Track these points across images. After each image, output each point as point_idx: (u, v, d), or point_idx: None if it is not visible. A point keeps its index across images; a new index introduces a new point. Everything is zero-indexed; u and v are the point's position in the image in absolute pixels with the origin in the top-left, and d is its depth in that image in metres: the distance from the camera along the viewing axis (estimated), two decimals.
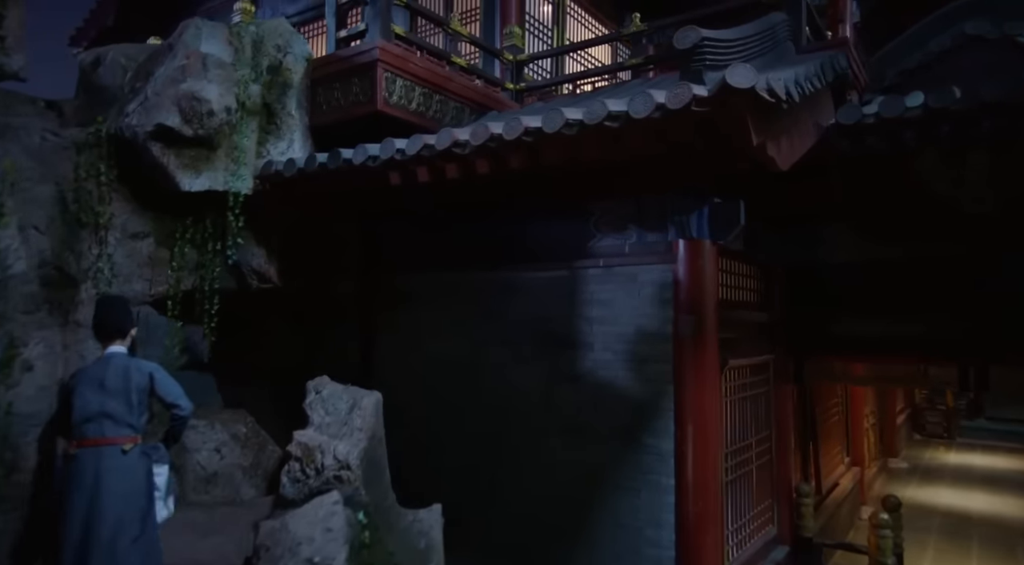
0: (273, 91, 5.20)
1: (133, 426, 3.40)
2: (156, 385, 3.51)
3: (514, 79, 7.02)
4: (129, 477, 3.32)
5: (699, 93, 3.08)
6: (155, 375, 3.53)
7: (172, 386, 3.58)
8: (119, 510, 3.23)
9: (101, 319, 3.59)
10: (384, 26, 5.48)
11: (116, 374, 3.41)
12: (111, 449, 3.30)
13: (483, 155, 3.92)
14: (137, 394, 3.42)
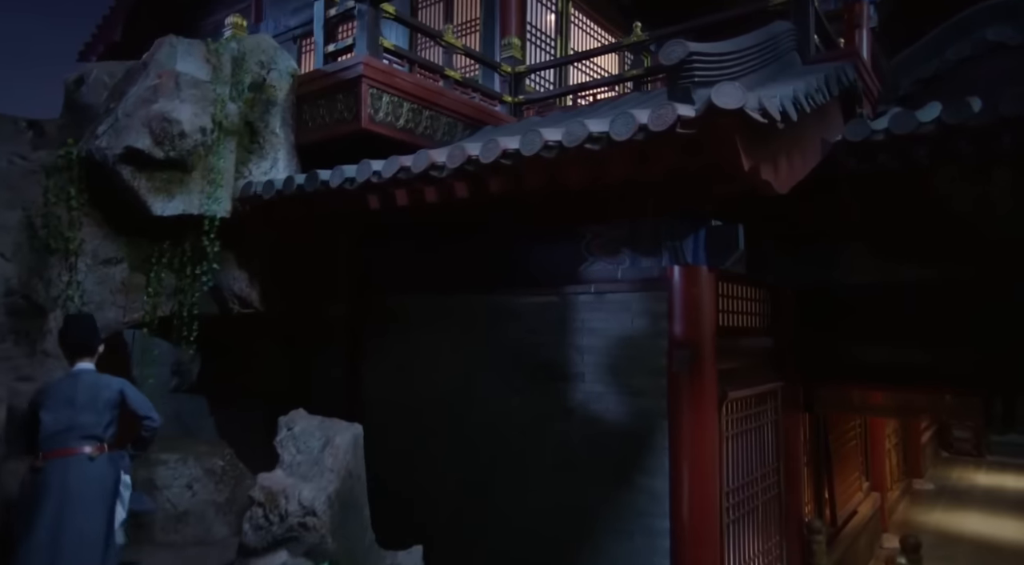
0: (256, 109, 5.03)
1: (100, 438, 3.45)
2: (128, 400, 3.58)
3: (512, 91, 6.80)
4: (96, 484, 3.38)
5: (684, 114, 2.82)
6: (125, 390, 3.59)
7: (142, 400, 3.66)
8: (86, 515, 3.29)
9: (69, 336, 3.61)
10: (371, 40, 5.30)
11: (86, 390, 3.46)
12: (78, 457, 3.35)
13: (461, 178, 3.69)
14: (107, 409, 3.49)
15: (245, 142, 4.98)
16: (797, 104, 3.19)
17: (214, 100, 4.47)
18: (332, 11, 5.59)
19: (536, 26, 8.00)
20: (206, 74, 4.58)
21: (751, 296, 4.94)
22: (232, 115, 4.65)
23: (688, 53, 3.07)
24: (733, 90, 2.68)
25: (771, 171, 3.16)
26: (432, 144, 5.52)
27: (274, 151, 5.10)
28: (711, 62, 3.27)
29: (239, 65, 4.92)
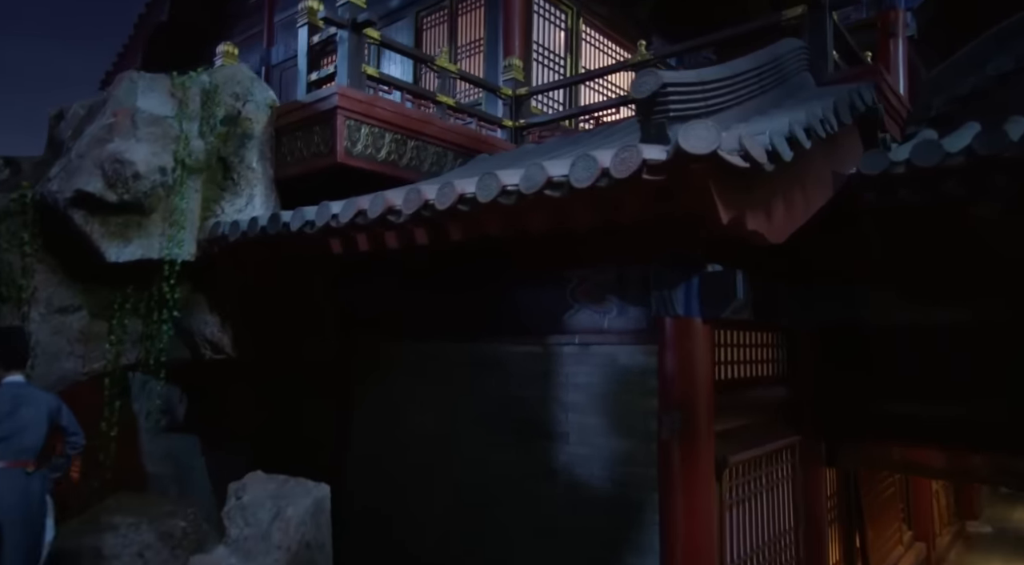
0: (230, 143, 4.79)
1: (34, 451, 3.54)
2: (62, 416, 3.66)
3: (512, 115, 6.45)
4: (30, 498, 3.47)
5: (650, 157, 2.41)
6: (62, 407, 3.68)
7: (73, 418, 3.73)
8: (24, 530, 3.41)
9: (2, 349, 3.66)
10: (353, 68, 5.02)
11: (20, 402, 3.54)
12: (14, 471, 3.43)
13: (420, 224, 3.34)
14: (42, 422, 3.56)
15: (218, 178, 4.73)
16: (793, 140, 2.73)
17: (176, 137, 4.23)
18: (315, 38, 5.34)
19: (543, 45, 7.65)
20: (170, 110, 4.34)
21: (760, 341, 4.45)
22: (197, 152, 4.40)
23: (661, 85, 2.65)
24: (705, 130, 2.26)
25: (761, 219, 2.71)
26: (418, 176, 5.21)
27: (249, 187, 4.84)
28: (692, 93, 2.84)
29: (211, 98, 4.68)
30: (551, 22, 7.80)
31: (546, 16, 7.71)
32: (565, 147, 4.70)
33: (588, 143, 4.47)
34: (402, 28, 8.37)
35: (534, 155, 4.78)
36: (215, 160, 4.71)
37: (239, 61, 11.01)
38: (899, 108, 4.85)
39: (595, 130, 5.07)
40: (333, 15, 5.06)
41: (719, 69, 3.12)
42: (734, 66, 3.27)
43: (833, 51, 4.75)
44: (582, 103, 8.03)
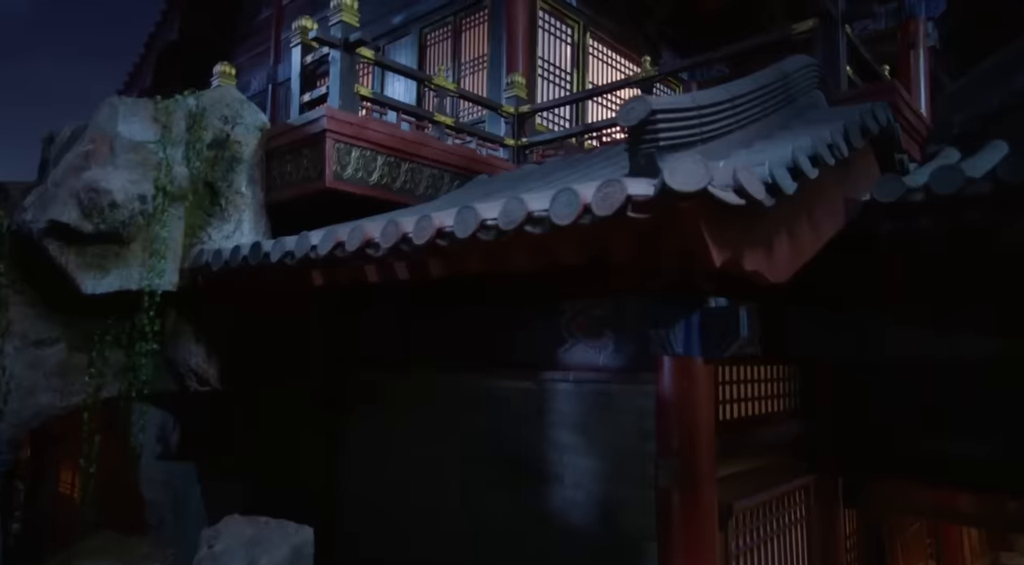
0: (218, 167, 4.65)
1: None
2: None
3: (515, 134, 6.25)
4: None
5: (635, 194, 2.19)
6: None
7: None
8: None
9: None
10: (345, 89, 4.86)
11: None
12: None
13: (399, 258, 3.14)
14: None
15: (205, 204, 4.59)
16: (797, 170, 2.49)
17: (157, 164, 4.09)
18: (309, 58, 5.20)
19: (549, 60, 7.46)
20: (152, 135, 4.21)
21: (770, 375, 4.18)
22: (180, 179, 4.25)
23: (649, 111, 2.43)
24: (693, 164, 2.03)
25: (761, 258, 2.47)
26: (413, 199, 5.03)
27: (238, 212, 4.69)
28: (686, 118, 2.62)
29: (197, 121, 4.55)
30: (557, 37, 7.61)
31: (551, 31, 7.53)
32: (563, 170, 4.49)
33: (586, 166, 4.26)
34: (406, 45, 8.24)
35: (530, 178, 4.58)
36: (202, 185, 4.57)
37: (248, 77, 11.01)
38: (919, 126, 4.58)
39: (598, 151, 4.85)
40: (326, 35, 4.92)
41: (716, 91, 2.89)
42: (734, 87, 3.04)
43: (847, 66, 4.50)
44: (590, 119, 7.82)
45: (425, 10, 7.98)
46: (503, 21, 7.05)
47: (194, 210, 4.50)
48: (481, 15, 7.45)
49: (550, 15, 7.50)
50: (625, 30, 8.51)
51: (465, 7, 7.57)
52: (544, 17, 7.41)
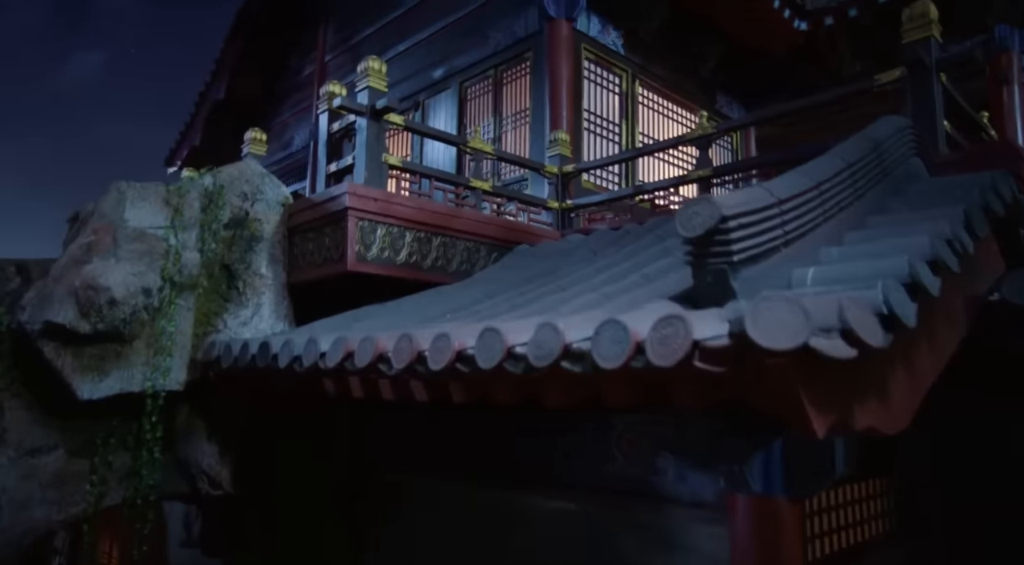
0: (236, 248, 4.31)
1: None
2: None
3: (559, 195, 5.77)
4: None
5: (705, 339, 1.64)
6: None
7: None
8: None
9: None
10: (372, 158, 4.49)
11: None
12: None
13: (416, 377, 2.65)
14: None
15: (221, 288, 4.24)
16: (919, 286, 1.90)
17: (165, 252, 3.76)
18: (335, 125, 4.87)
19: (595, 112, 7.00)
20: (163, 219, 3.90)
21: (866, 493, 3.48)
22: (191, 266, 3.91)
23: (719, 218, 1.89)
24: (785, 312, 1.48)
25: (874, 409, 1.87)
26: (446, 277, 4.57)
27: (257, 296, 4.33)
28: (764, 220, 2.06)
29: (214, 200, 4.24)
30: (604, 87, 7.16)
31: (598, 81, 7.08)
32: (611, 247, 3.97)
33: (638, 247, 3.71)
34: (446, 98, 7.94)
35: (575, 257, 4.06)
36: (217, 268, 4.23)
37: (292, 133, 10.97)
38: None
39: (652, 223, 4.26)
40: (353, 102, 4.58)
41: (798, 179, 2.33)
42: (819, 170, 2.46)
43: (944, 122, 3.85)
44: (640, 173, 7.30)
45: (465, 63, 7.68)
46: (546, 74, 6.65)
47: (208, 296, 4.15)
48: (523, 68, 7.08)
49: (596, 65, 7.07)
50: (676, 76, 8.00)
51: (506, 60, 7.21)
52: (589, 67, 6.98)
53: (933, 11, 3.88)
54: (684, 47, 8.11)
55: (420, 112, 8.24)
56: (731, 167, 5.22)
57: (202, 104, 11.54)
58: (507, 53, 7.18)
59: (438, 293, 4.14)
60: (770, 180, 2.68)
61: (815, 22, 7.36)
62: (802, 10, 7.25)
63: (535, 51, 6.88)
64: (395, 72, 8.74)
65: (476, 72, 7.56)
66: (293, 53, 11.16)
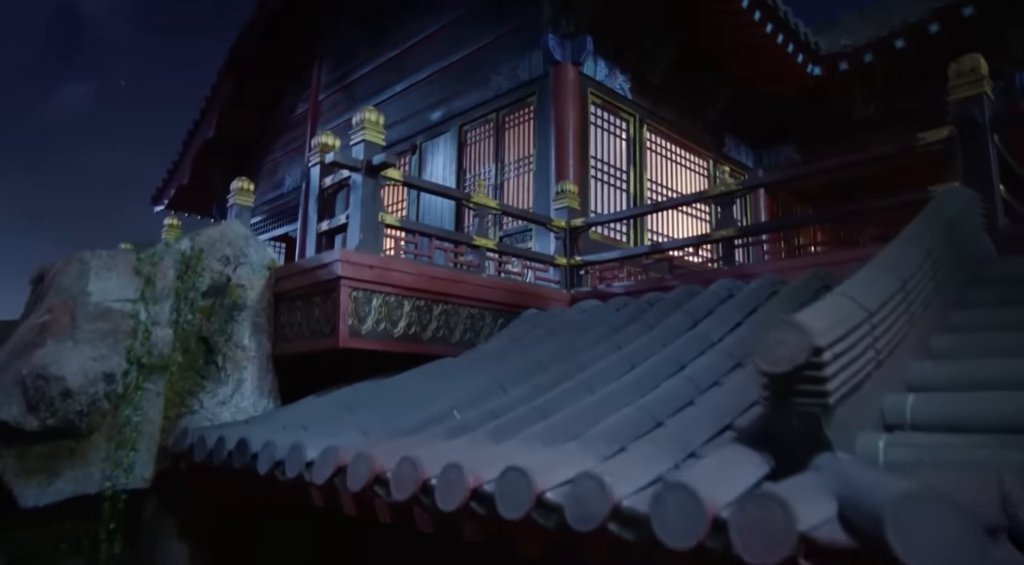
0: (216, 318, 3.88)
1: None
2: None
3: (567, 251, 5.38)
4: None
5: (810, 530, 1.22)
6: None
7: None
8: None
9: None
10: (367, 218, 4.09)
11: None
12: None
13: (420, 507, 2.20)
14: None
15: (197, 364, 3.80)
16: None
17: (132, 330, 3.32)
18: (328, 180, 4.49)
19: (603, 159, 6.67)
20: (133, 291, 3.47)
21: None
22: (163, 344, 3.47)
23: (811, 350, 1.49)
24: (946, 522, 1.06)
25: None
26: (447, 348, 4.15)
27: (238, 371, 3.89)
28: (857, 342, 1.66)
29: (192, 267, 3.81)
30: (610, 133, 6.84)
31: (604, 127, 6.77)
32: (633, 325, 3.55)
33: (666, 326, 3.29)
34: (445, 141, 7.61)
35: (591, 334, 3.63)
36: (194, 342, 3.80)
37: (284, 173, 10.60)
38: None
39: (677, 295, 3.80)
40: (347, 157, 4.20)
41: (882, 277, 1.93)
42: (900, 264, 2.07)
43: (1000, 186, 3.50)
44: (649, 222, 6.95)
45: (465, 106, 7.36)
46: (551, 119, 6.32)
47: (183, 373, 3.70)
48: (526, 112, 6.76)
49: (602, 109, 6.76)
50: (684, 119, 7.71)
51: (508, 104, 6.90)
52: (596, 112, 6.67)
53: (983, 66, 3.56)
54: (692, 90, 7.84)
55: (417, 155, 7.90)
56: (758, 228, 4.85)
57: (191, 142, 11.18)
58: (509, 96, 6.87)
59: (441, 370, 3.71)
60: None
61: (829, 67, 7.10)
62: (816, 55, 6.99)
63: (539, 95, 6.57)
64: (391, 113, 8.43)
65: (477, 115, 7.24)
66: (286, 91, 10.86)
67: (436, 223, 7.33)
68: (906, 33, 6.53)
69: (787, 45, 6.64)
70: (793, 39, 6.66)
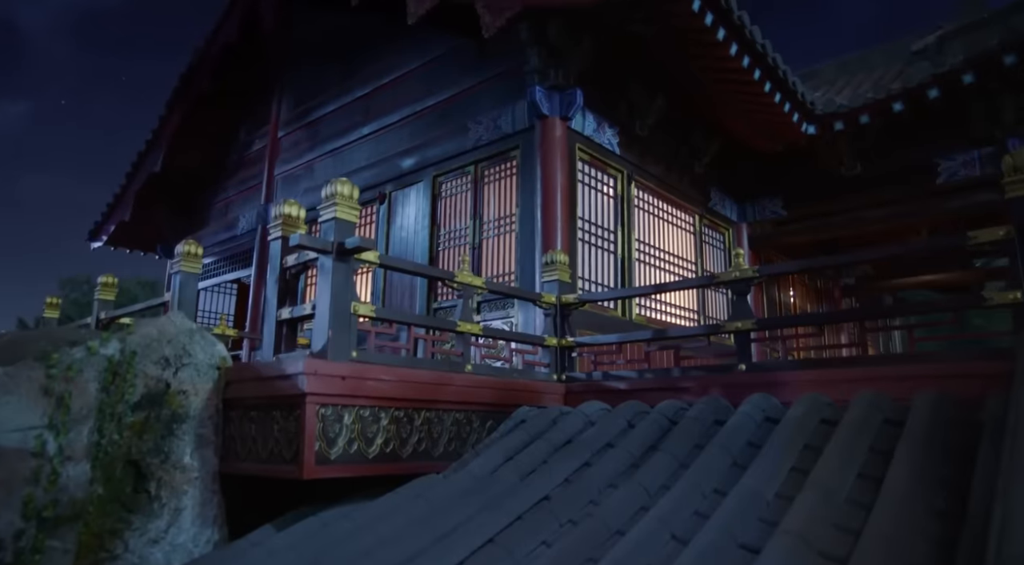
0: (149, 436, 3.19)
1: None
2: None
3: (557, 330, 4.84)
4: None
5: None
6: None
7: None
8: None
9: None
10: (337, 309, 3.46)
11: None
12: None
13: None
14: None
15: (124, 494, 3.09)
16: None
17: (32, 475, 2.61)
18: (291, 258, 3.85)
19: (589, 219, 6.19)
20: (39, 417, 2.76)
21: None
22: (76, 486, 2.78)
23: None
24: None
25: None
26: (429, 464, 3.54)
27: (176, 497, 3.19)
28: None
29: (121, 376, 3.12)
30: (598, 190, 6.38)
31: (592, 185, 6.30)
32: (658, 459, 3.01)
33: (705, 476, 2.76)
34: (418, 192, 7.02)
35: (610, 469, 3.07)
36: (121, 467, 3.10)
37: (237, 213, 9.80)
38: None
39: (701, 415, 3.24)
40: (314, 240, 3.58)
41: None
42: None
43: None
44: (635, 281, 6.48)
45: (440, 155, 6.80)
46: (537, 177, 5.82)
47: (105, 508, 2.99)
48: (508, 167, 6.25)
49: (590, 166, 6.30)
50: (671, 174, 7.32)
51: (489, 157, 6.38)
52: (584, 169, 6.20)
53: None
54: (679, 143, 7.47)
55: (386, 205, 7.29)
56: (775, 322, 4.41)
57: (135, 175, 10.26)
58: (490, 148, 6.35)
59: (428, 505, 3.06)
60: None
61: (824, 126, 6.83)
62: (812, 114, 6.71)
63: (523, 150, 6.07)
64: (358, 157, 7.82)
65: (453, 166, 6.68)
66: (242, 125, 10.13)
67: (405, 280, 6.73)
68: (905, 97, 6.30)
69: (784, 104, 6.32)
70: (790, 98, 6.35)
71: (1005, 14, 7.06)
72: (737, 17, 5.29)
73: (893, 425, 2.76)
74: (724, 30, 5.28)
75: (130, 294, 19.02)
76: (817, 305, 10.85)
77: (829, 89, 9.37)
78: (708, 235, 7.97)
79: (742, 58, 5.59)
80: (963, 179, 7.06)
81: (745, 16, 5.40)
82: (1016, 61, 5.82)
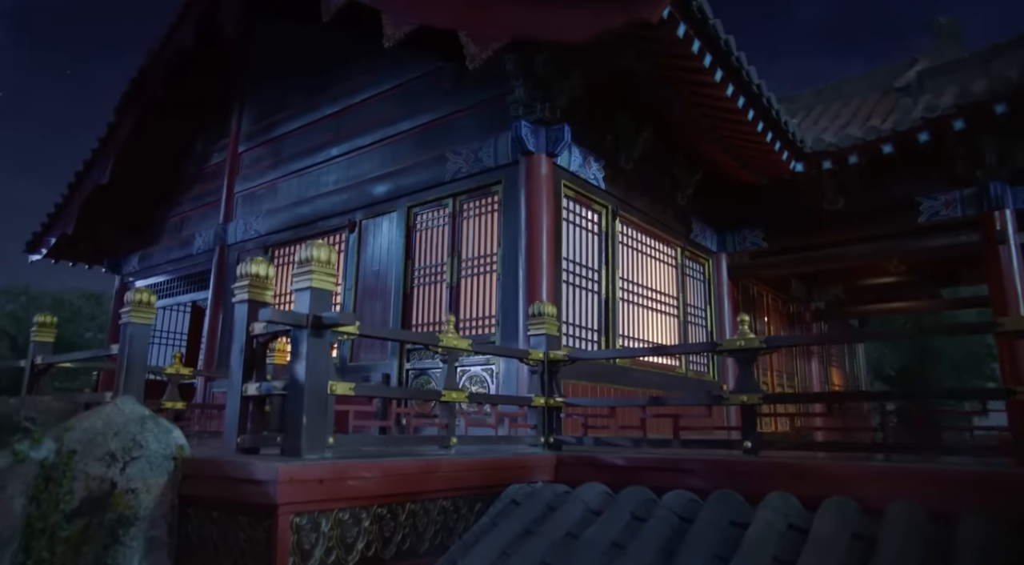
0: (90, 548, 2.77)
1: None
2: None
3: (544, 389, 4.53)
4: None
5: None
6: None
7: None
8: None
9: None
10: (313, 393, 3.08)
11: None
12: None
13: None
14: None
15: None
16: None
17: None
18: (259, 327, 3.44)
19: (574, 259, 5.90)
20: None
21: None
22: None
23: None
24: None
25: None
26: (414, 562, 3.18)
27: None
28: None
29: (56, 480, 2.69)
30: (583, 227, 6.09)
31: (577, 222, 6.01)
32: None
33: None
34: (391, 223, 6.61)
35: None
36: None
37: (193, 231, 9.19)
38: None
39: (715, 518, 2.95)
40: (286, 316, 3.18)
41: None
42: None
43: None
44: (620, 324, 6.22)
45: (415, 185, 6.41)
46: (521, 216, 5.49)
47: None
48: (489, 202, 5.91)
49: (575, 202, 6.01)
50: (655, 206, 7.09)
51: (468, 190, 6.03)
52: (569, 206, 5.90)
53: None
54: (663, 174, 7.25)
55: (356, 234, 6.86)
56: (783, 398, 4.18)
57: (79, 185, 9.54)
58: (470, 181, 6.00)
59: None
60: None
61: (812, 164, 6.68)
62: (801, 152, 6.55)
63: (506, 185, 5.73)
64: (325, 180, 7.35)
65: (429, 198, 6.30)
66: (200, 136, 9.52)
67: (379, 317, 6.32)
68: (894, 139, 6.19)
69: (775, 142, 6.14)
70: (781, 137, 6.17)
71: (987, 56, 7.01)
72: (735, 59, 5.05)
73: (928, 545, 2.53)
74: (722, 71, 5.04)
75: (73, 307, 17.87)
76: (790, 329, 10.84)
77: (806, 116, 9.32)
78: (689, 267, 7.77)
79: (738, 98, 5.37)
80: (944, 219, 7.02)
81: (743, 56, 5.17)
82: (1007, 110, 5.75)
